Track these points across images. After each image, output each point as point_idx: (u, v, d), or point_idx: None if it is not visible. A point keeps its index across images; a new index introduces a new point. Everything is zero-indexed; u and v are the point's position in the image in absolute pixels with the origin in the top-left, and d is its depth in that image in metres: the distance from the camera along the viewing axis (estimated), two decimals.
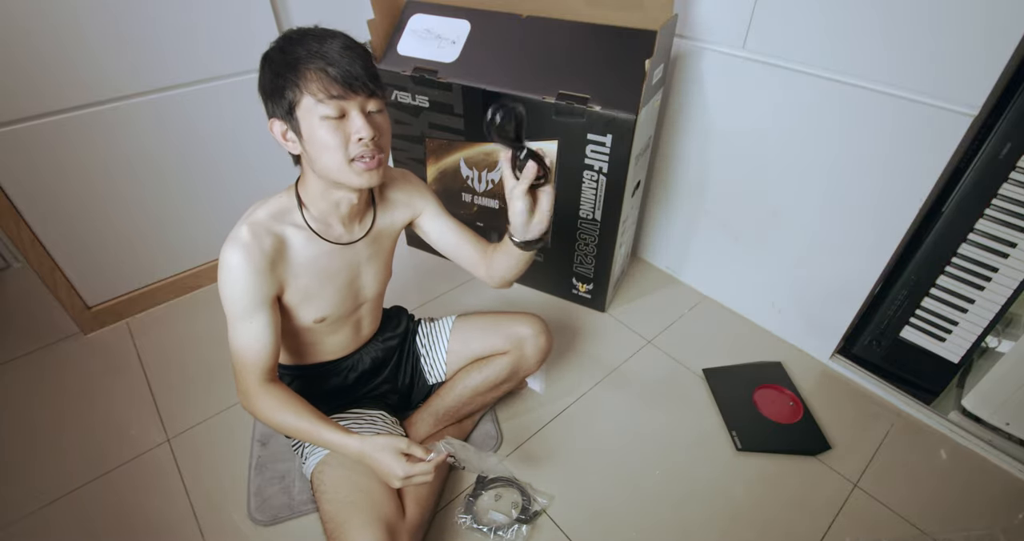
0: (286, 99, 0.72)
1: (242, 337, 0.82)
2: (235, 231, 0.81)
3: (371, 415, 1.02)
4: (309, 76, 0.70)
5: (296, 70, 0.70)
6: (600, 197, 1.29)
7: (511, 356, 1.10)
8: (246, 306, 0.81)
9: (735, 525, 1.04)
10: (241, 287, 0.80)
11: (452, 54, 1.31)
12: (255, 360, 0.83)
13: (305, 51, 0.70)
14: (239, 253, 0.78)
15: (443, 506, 1.06)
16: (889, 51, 0.99)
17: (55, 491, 1.08)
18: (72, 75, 1.17)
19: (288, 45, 0.72)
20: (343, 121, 0.73)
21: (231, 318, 0.83)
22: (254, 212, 0.83)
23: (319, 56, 0.70)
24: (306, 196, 0.84)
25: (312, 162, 0.77)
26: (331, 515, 0.86)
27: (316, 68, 0.70)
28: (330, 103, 0.71)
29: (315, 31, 0.74)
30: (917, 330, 1.21)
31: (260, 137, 1.51)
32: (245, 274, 0.79)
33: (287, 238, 0.83)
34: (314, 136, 0.73)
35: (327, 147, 0.73)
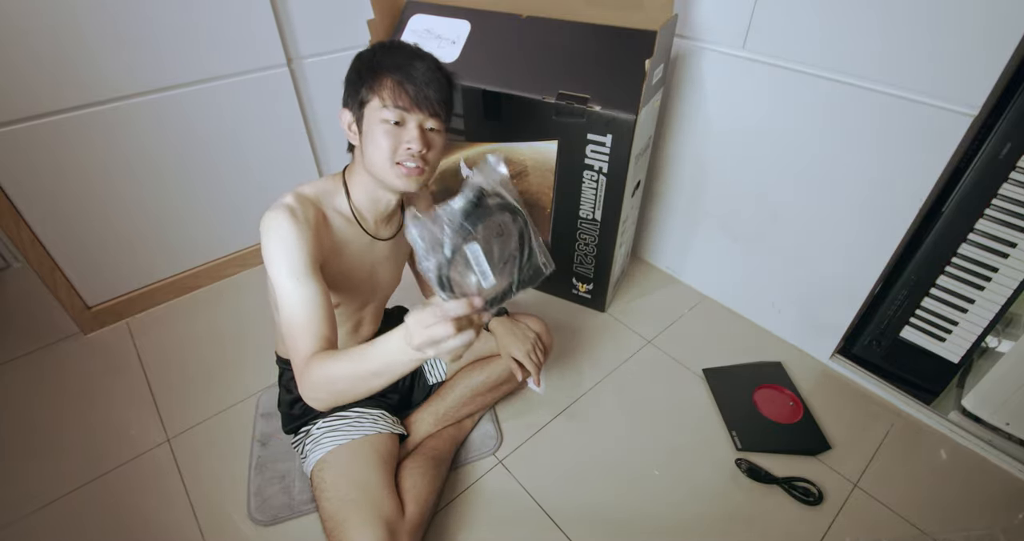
0: (360, 95, 0.80)
1: (292, 301, 0.75)
2: (279, 200, 0.81)
3: (372, 414, 1.02)
4: (385, 83, 0.78)
5: (376, 75, 0.78)
6: (600, 197, 1.29)
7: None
8: (295, 265, 0.76)
9: (735, 525, 1.04)
10: (289, 244, 0.76)
11: (452, 54, 1.31)
12: (307, 324, 0.74)
13: (392, 62, 0.78)
14: (285, 213, 0.78)
15: (443, 506, 1.06)
16: (889, 51, 0.99)
17: (55, 491, 1.08)
18: (72, 75, 1.17)
19: (381, 51, 0.80)
20: (400, 128, 0.79)
21: (281, 281, 0.76)
22: (298, 188, 0.85)
23: (401, 69, 0.78)
24: (352, 185, 0.88)
25: (363, 155, 0.83)
26: (330, 513, 0.86)
27: (394, 78, 0.78)
28: (393, 110, 0.78)
29: (411, 48, 0.82)
30: (917, 330, 1.21)
31: (260, 137, 1.52)
32: (293, 233, 0.77)
33: (328, 217, 0.86)
34: (371, 133, 0.80)
35: (378, 146, 0.80)
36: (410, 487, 0.95)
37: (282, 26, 1.43)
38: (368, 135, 0.80)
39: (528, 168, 1.35)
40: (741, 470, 1.12)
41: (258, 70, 1.42)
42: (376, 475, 0.91)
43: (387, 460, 0.96)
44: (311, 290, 0.76)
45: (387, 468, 0.94)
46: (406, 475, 0.97)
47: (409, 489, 0.95)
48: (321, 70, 1.55)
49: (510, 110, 1.27)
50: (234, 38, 1.35)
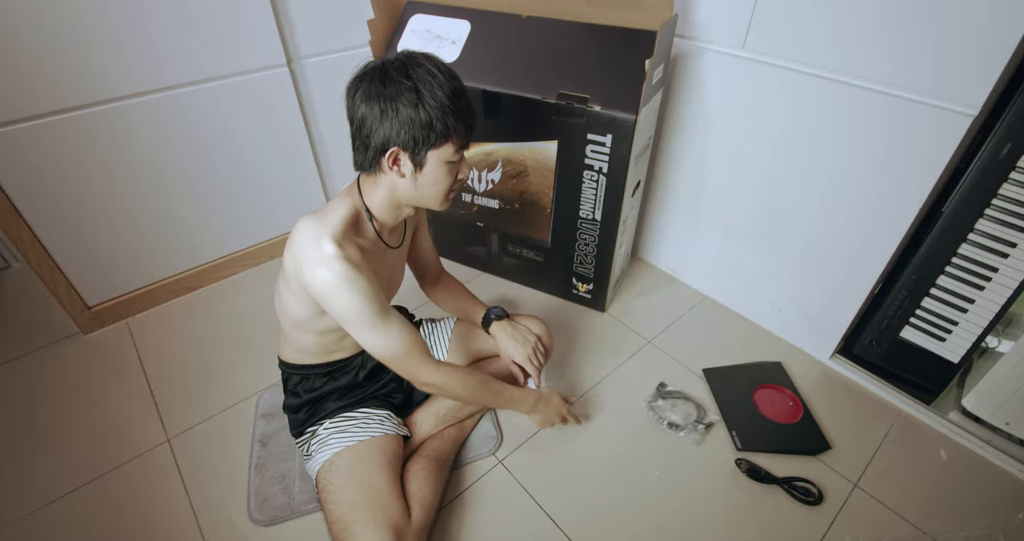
0: (432, 141, 0.77)
1: (394, 335, 0.84)
2: (318, 250, 0.78)
3: (378, 415, 1.02)
4: (459, 128, 0.79)
5: (452, 119, 0.77)
6: (600, 197, 1.29)
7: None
8: (380, 308, 0.82)
9: (735, 525, 1.04)
10: (366, 293, 0.80)
11: (452, 54, 1.31)
12: (415, 345, 0.86)
13: (465, 105, 0.79)
14: (343, 264, 0.78)
15: (443, 506, 1.06)
16: (889, 51, 0.99)
17: (55, 491, 1.08)
18: (72, 75, 1.17)
19: (453, 92, 0.77)
20: (455, 164, 0.83)
21: (370, 328, 0.82)
22: (321, 226, 0.81)
23: (471, 112, 0.80)
24: (373, 206, 0.87)
25: (415, 190, 0.83)
26: (338, 517, 0.87)
27: (467, 124, 0.80)
28: (459, 153, 0.82)
29: (447, 73, 0.78)
30: (917, 330, 1.21)
31: (260, 137, 1.52)
32: (362, 281, 0.80)
33: (363, 247, 0.85)
34: (436, 174, 0.81)
35: (441, 184, 0.83)
36: (415, 490, 0.95)
37: (282, 26, 1.43)
38: (431, 175, 0.81)
39: (528, 168, 1.35)
40: (741, 470, 1.12)
41: (258, 70, 1.42)
42: (383, 478, 0.91)
43: (394, 462, 0.96)
44: (399, 318, 0.85)
45: (394, 471, 0.95)
46: (411, 478, 0.97)
47: (414, 492, 0.95)
48: (321, 70, 1.55)
49: (510, 110, 1.27)
50: (234, 38, 1.35)
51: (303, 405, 1.02)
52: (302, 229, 0.81)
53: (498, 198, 1.45)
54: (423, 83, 0.75)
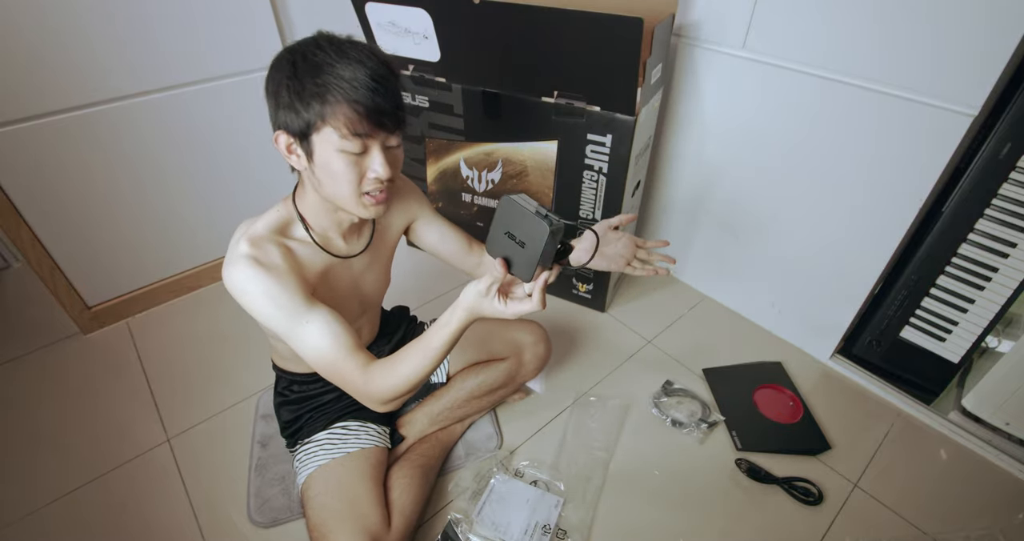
0: (303, 120, 0.67)
1: (313, 343, 0.74)
2: (232, 251, 0.74)
3: (364, 428, 1.01)
4: (337, 109, 0.65)
5: (323, 99, 0.65)
6: (600, 197, 1.29)
7: (509, 362, 1.10)
8: (294, 310, 0.73)
9: (735, 525, 1.04)
10: (273, 293, 0.72)
11: (432, 53, 1.27)
12: (343, 354, 0.75)
13: (336, 78, 0.64)
14: (247, 265, 0.72)
15: (427, 518, 1.05)
16: (889, 51, 0.99)
17: (55, 491, 1.08)
18: (72, 75, 1.17)
19: (315, 63, 0.65)
20: (362, 156, 0.70)
21: (289, 333, 0.74)
22: (249, 228, 0.77)
23: (351, 86, 0.64)
24: (306, 211, 0.80)
25: (319, 186, 0.73)
26: (316, 524, 0.87)
27: (347, 101, 0.65)
28: (354, 140, 0.67)
29: (348, 49, 0.66)
30: (917, 330, 1.21)
31: (260, 137, 1.52)
32: (268, 280, 0.72)
33: (293, 249, 0.78)
34: (329, 166, 0.69)
35: (342, 180, 0.70)
36: (396, 498, 0.94)
37: (282, 26, 1.43)
38: (324, 167, 0.70)
39: (528, 168, 1.35)
40: (741, 470, 1.12)
41: (259, 70, 1.42)
42: (363, 487, 0.91)
43: (375, 472, 0.95)
44: (320, 321, 0.74)
45: (375, 480, 0.94)
46: (393, 485, 0.97)
47: (395, 500, 0.94)
48: None
49: (510, 110, 1.27)
50: (235, 38, 1.35)
51: (290, 422, 1.01)
52: (235, 232, 0.78)
53: (498, 198, 1.45)
54: (308, 53, 0.65)
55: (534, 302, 0.68)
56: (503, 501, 1.05)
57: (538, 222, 0.62)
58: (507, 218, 0.66)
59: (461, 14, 1.15)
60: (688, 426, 1.20)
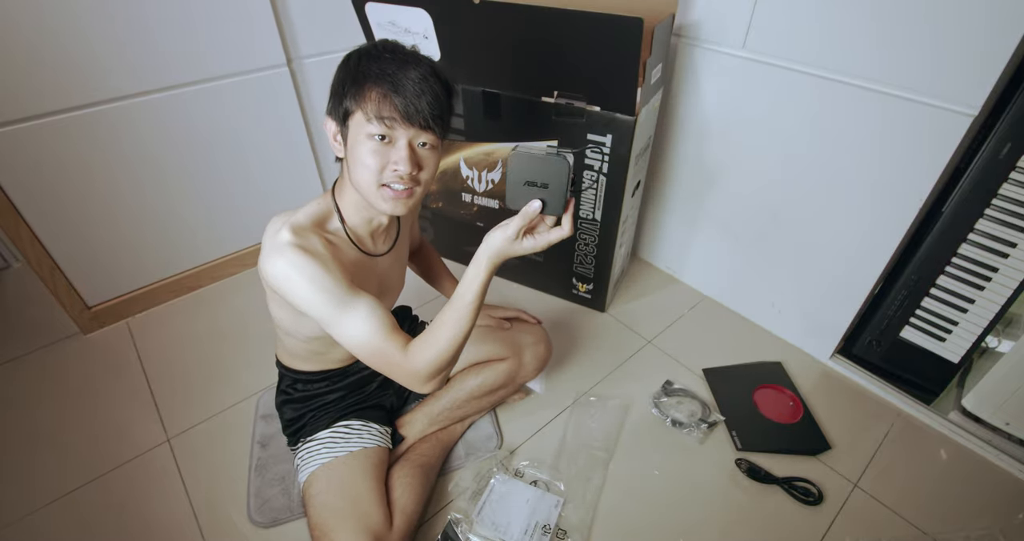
0: (343, 106, 0.72)
1: (358, 329, 0.75)
2: (273, 240, 0.75)
3: (366, 427, 1.01)
4: (369, 95, 0.70)
5: (360, 85, 0.70)
6: (600, 197, 1.29)
7: (509, 363, 1.10)
8: (339, 296, 0.74)
9: (734, 525, 1.04)
10: (318, 279, 0.73)
11: (432, 52, 1.27)
12: (387, 340, 0.75)
13: (378, 70, 0.70)
14: (293, 251, 0.72)
15: (427, 518, 1.05)
16: (889, 51, 0.99)
17: (55, 491, 1.08)
18: (72, 75, 1.17)
19: (368, 58, 0.71)
20: (388, 146, 0.72)
21: (332, 319, 0.74)
22: (290, 218, 0.78)
23: (388, 79, 0.69)
24: (344, 206, 0.82)
25: (349, 173, 0.77)
26: (317, 523, 0.87)
27: (379, 89, 0.70)
28: (378, 123, 0.70)
29: (402, 52, 0.72)
30: (917, 330, 1.21)
31: (260, 137, 1.52)
32: (313, 266, 0.72)
33: (331, 241, 0.80)
34: (356, 150, 0.73)
35: (363, 165, 0.73)
36: (398, 498, 0.95)
37: (282, 26, 1.43)
38: (352, 151, 0.73)
39: None
40: (741, 470, 1.12)
41: (258, 70, 1.42)
42: (364, 486, 0.91)
43: (377, 471, 0.95)
44: (365, 308, 0.76)
45: (376, 479, 0.94)
46: (395, 485, 0.97)
47: (397, 500, 0.94)
48: (321, 70, 1.55)
49: (510, 110, 1.27)
50: (234, 38, 1.35)
51: (292, 421, 1.01)
52: (269, 226, 0.80)
53: (498, 198, 1.45)
54: (371, 50, 0.72)
55: (565, 229, 0.73)
56: (503, 501, 1.05)
57: (557, 160, 0.70)
58: (522, 168, 0.72)
59: (461, 14, 1.15)
60: (688, 426, 1.20)
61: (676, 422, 1.21)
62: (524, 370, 1.12)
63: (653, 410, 1.24)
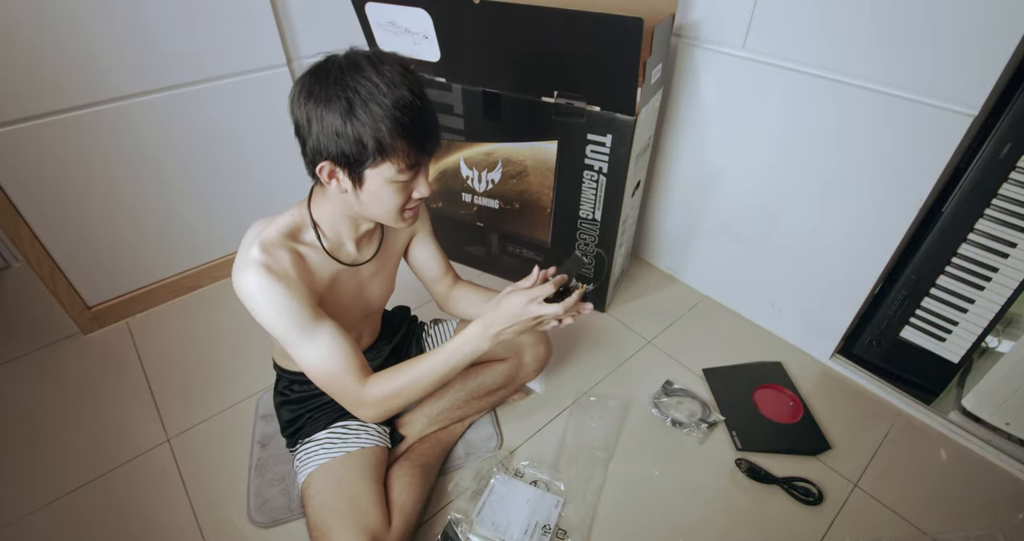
0: (359, 156, 0.68)
1: (316, 356, 0.77)
2: (244, 255, 0.75)
3: (364, 427, 1.01)
4: (399, 147, 0.68)
5: (381, 138, 0.67)
6: (600, 197, 1.29)
7: (509, 363, 1.10)
8: (300, 323, 0.75)
9: (735, 525, 1.04)
10: (281, 305, 0.73)
11: (432, 53, 1.27)
12: (344, 369, 0.78)
13: (389, 114, 0.66)
14: (258, 272, 0.73)
15: (441, 507, 1.06)
16: (889, 51, 0.99)
17: (55, 491, 1.08)
18: (72, 75, 1.17)
19: (367, 97, 0.65)
20: (409, 181, 0.74)
21: (292, 344, 0.76)
22: (262, 231, 0.78)
23: (407, 122, 0.67)
24: (321, 217, 0.81)
25: (359, 206, 0.76)
26: (316, 523, 0.87)
27: (405, 137, 0.68)
28: (409, 173, 0.72)
29: (389, 73, 0.67)
30: (917, 330, 1.21)
31: (260, 137, 1.52)
32: (278, 290, 0.73)
33: (303, 255, 0.80)
34: (378, 194, 0.73)
35: (388, 204, 0.75)
36: (396, 497, 0.95)
37: (282, 26, 1.43)
38: (372, 194, 0.73)
39: (528, 168, 1.35)
40: (741, 470, 1.12)
41: (258, 70, 1.42)
42: (363, 486, 0.91)
43: (375, 471, 0.95)
44: (326, 336, 0.77)
45: (375, 479, 0.94)
46: (394, 484, 0.97)
47: (395, 499, 0.94)
48: None
49: (510, 110, 1.27)
50: (234, 38, 1.35)
51: (290, 422, 1.01)
52: (247, 232, 0.79)
53: (498, 198, 1.45)
54: (360, 89, 0.65)
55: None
56: (503, 501, 1.05)
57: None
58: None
59: (461, 14, 1.15)
60: (688, 426, 1.20)
61: (676, 422, 1.21)
62: (524, 370, 1.12)
63: (653, 410, 1.24)
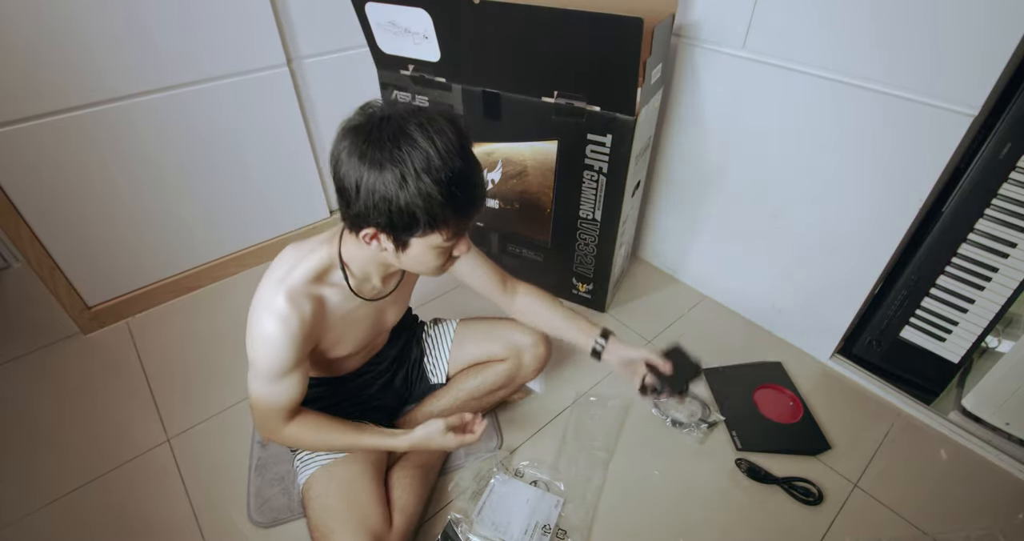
0: (410, 230, 0.68)
1: (265, 393, 0.80)
2: (271, 297, 0.75)
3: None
4: (450, 219, 0.68)
5: (440, 210, 0.66)
6: (600, 197, 1.29)
7: (509, 363, 1.10)
8: (278, 369, 0.78)
9: (734, 525, 1.04)
10: (277, 356, 0.76)
11: (432, 53, 1.27)
12: (282, 409, 0.82)
13: (464, 193, 0.67)
14: (277, 325, 0.74)
15: (441, 507, 1.06)
16: (889, 51, 0.99)
17: (55, 491, 1.08)
18: (72, 75, 1.17)
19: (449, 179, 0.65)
20: (452, 245, 0.75)
21: (259, 376, 0.78)
22: (290, 274, 0.77)
23: (467, 197, 0.68)
24: (351, 259, 0.81)
25: (398, 263, 0.77)
26: (317, 524, 0.87)
27: (462, 213, 0.69)
28: (455, 239, 0.73)
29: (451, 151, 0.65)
30: (917, 330, 1.21)
31: (259, 137, 1.52)
32: (283, 344, 0.75)
33: (325, 298, 0.81)
34: (421, 257, 0.74)
35: (428, 264, 0.76)
36: (397, 498, 0.95)
37: (282, 26, 1.43)
38: (416, 258, 0.74)
39: (528, 168, 1.35)
40: (741, 470, 1.12)
41: (258, 70, 1.42)
42: (364, 487, 0.91)
43: (376, 472, 0.96)
44: (287, 383, 0.79)
45: (377, 480, 0.94)
46: (394, 485, 0.97)
47: (396, 500, 0.95)
48: (321, 70, 1.55)
49: (510, 110, 1.27)
50: (234, 38, 1.35)
51: None
52: (277, 263, 0.80)
53: (498, 198, 1.45)
54: (413, 161, 0.63)
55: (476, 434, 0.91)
56: (503, 501, 1.05)
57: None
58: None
59: (461, 14, 1.15)
60: (688, 426, 1.20)
61: (676, 422, 1.21)
62: (524, 371, 1.12)
63: (653, 410, 1.24)
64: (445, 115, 0.67)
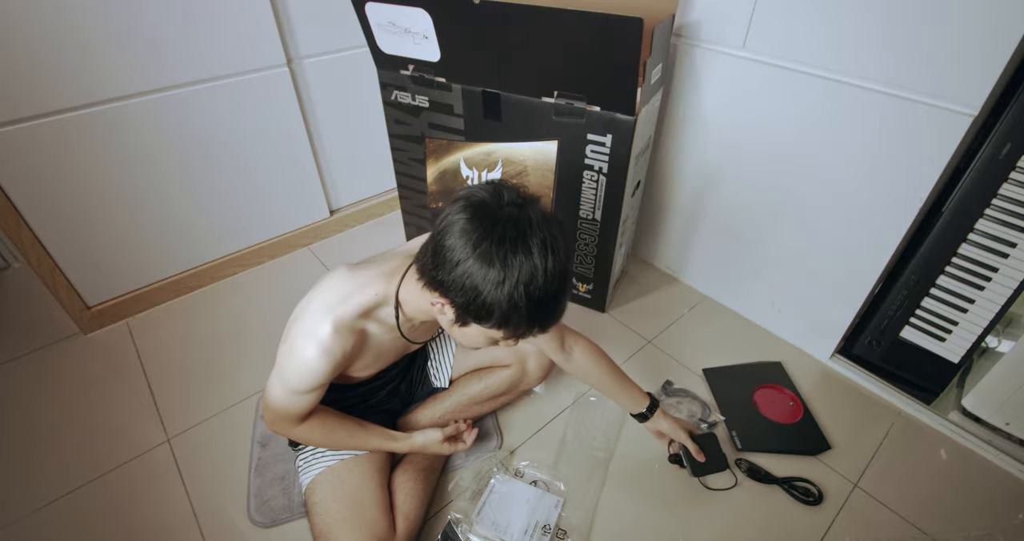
0: (479, 319, 0.69)
1: (289, 402, 0.81)
2: (317, 323, 0.76)
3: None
4: (522, 330, 0.70)
5: (515, 318, 0.68)
6: (600, 197, 1.29)
7: (513, 369, 1.10)
8: (307, 388, 0.80)
9: (734, 525, 1.04)
10: (310, 378, 0.78)
11: (432, 53, 1.27)
12: (298, 415, 0.84)
13: (547, 314, 0.70)
14: (319, 354, 0.76)
15: (442, 507, 1.06)
16: (889, 51, 0.99)
17: (55, 491, 1.08)
18: (72, 75, 1.17)
19: (542, 299, 0.67)
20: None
21: (284, 384, 0.80)
22: (343, 304, 0.78)
23: (543, 317, 0.70)
24: (406, 301, 0.82)
25: (447, 328, 0.77)
26: (321, 530, 0.87)
27: (531, 326, 0.71)
28: (512, 340, 0.75)
29: (558, 272, 0.67)
30: (917, 330, 1.21)
31: (260, 137, 1.52)
32: (318, 371, 0.77)
33: (369, 332, 0.83)
34: (474, 337, 0.76)
35: (474, 342, 0.78)
36: (401, 503, 0.96)
37: (282, 26, 1.43)
38: (467, 334, 0.75)
39: (528, 168, 1.35)
40: (741, 470, 1.12)
41: (258, 70, 1.42)
42: (368, 493, 0.92)
43: (380, 476, 0.96)
44: (312, 396, 0.82)
45: (380, 484, 0.95)
46: (397, 490, 0.98)
47: (400, 505, 0.95)
48: (321, 70, 1.55)
49: (510, 110, 1.27)
50: (234, 38, 1.35)
51: None
52: (327, 286, 0.80)
53: None
54: (520, 271, 0.64)
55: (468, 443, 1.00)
56: (503, 501, 1.05)
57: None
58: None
59: (461, 14, 1.15)
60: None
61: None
62: (528, 378, 1.12)
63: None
64: (565, 235, 0.70)
